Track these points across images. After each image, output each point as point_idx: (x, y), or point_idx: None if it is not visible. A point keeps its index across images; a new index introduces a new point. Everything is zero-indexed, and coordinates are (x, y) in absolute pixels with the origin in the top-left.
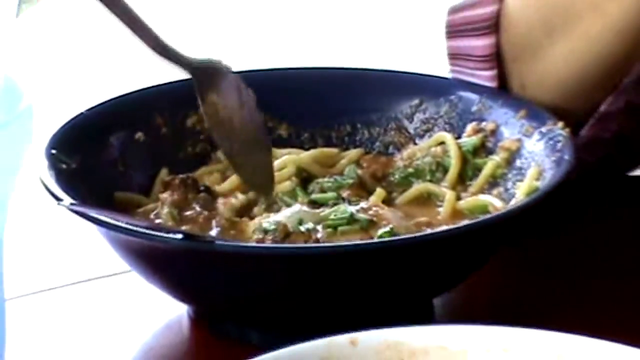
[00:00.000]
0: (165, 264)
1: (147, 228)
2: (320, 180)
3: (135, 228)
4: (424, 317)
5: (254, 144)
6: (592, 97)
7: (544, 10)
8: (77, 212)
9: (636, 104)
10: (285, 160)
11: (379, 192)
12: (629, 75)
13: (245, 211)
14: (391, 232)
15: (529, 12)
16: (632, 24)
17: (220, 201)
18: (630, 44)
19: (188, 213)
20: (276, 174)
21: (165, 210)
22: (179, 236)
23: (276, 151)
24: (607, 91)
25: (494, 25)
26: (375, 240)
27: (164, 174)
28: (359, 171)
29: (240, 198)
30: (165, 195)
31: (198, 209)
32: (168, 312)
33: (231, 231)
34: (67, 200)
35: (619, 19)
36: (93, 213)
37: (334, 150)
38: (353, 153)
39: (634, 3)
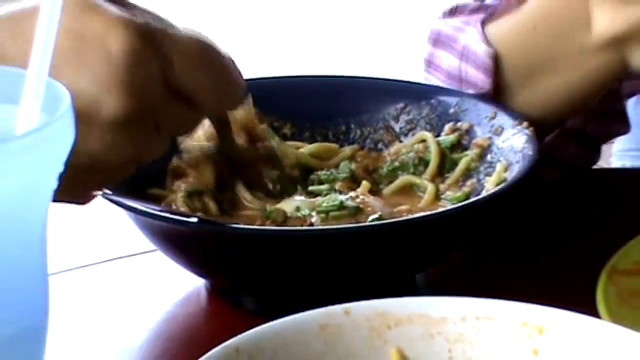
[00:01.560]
0: (184, 243)
1: (169, 213)
2: (318, 172)
3: (159, 213)
4: (408, 290)
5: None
6: (564, 117)
7: (528, 60)
8: (112, 201)
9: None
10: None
11: (365, 184)
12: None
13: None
14: (380, 218)
15: (515, 60)
16: (608, 74)
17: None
18: (603, 86)
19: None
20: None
21: (180, 195)
22: (195, 220)
23: (282, 144)
24: (576, 114)
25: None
26: (361, 224)
27: (175, 162)
28: (352, 166)
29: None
30: (178, 183)
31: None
32: (188, 285)
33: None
34: (102, 190)
35: (597, 73)
36: (125, 201)
37: (333, 145)
38: (348, 149)
39: (613, 59)
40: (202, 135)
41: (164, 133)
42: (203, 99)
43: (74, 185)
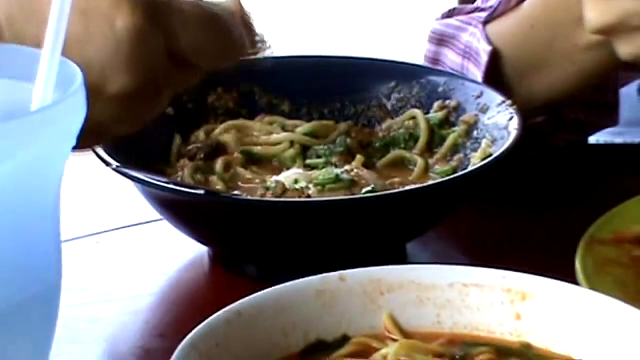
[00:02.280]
0: (190, 213)
1: (177, 185)
2: (316, 147)
3: (169, 186)
4: (399, 259)
5: None
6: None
7: (526, 57)
8: (121, 173)
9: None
10: (286, 136)
11: (359, 158)
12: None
13: None
14: (373, 191)
15: (514, 57)
16: (600, 69)
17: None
18: (596, 80)
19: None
20: (280, 145)
21: (187, 170)
22: (202, 192)
23: (285, 121)
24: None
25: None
26: (356, 195)
27: (177, 140)
28: (347, 141)
29: None
30: (184, 162)
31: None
32: (192, 252)
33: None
34: (113, 163)
35: (591, 67)
36: (135, 174)
37: (329, 122)
38: (343, 125)
39: (605, 55)
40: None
41: (165, 95)
42: (206, 63)
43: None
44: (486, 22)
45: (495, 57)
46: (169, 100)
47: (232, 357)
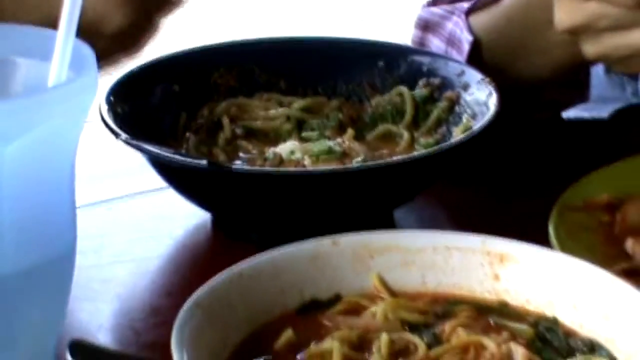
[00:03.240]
0: (194, 183)
1: (182, 156)
2: (311, 122)
3: (173, 156)
4: (387, 225)
5: None
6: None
7: (504, 48)
8: (130, 144)
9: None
10: (283, 112)
11: (350, 131)
12: None
13: None
14: (363, 161)
15: (494, 47)
16: (572, 62)
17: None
18: (567, 70)
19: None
20: (277, 120)
21: (191, 145)
22: (205, 162)
23: (281, 98)
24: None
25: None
26: (347, 166)
27: (183, 116)
28: (340, 115)
29: None
30: (189, 135)
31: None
32: (196, 218)
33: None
34: (123, 135)
35: (563, 60)
36: (143, 145)
37: (323, 98)
38: (336, 101)
39: (576, 50)
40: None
41: (158, 23)
42: None
43: None
44: (468, 13)
45: (476, 47)
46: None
47: (233, 314)
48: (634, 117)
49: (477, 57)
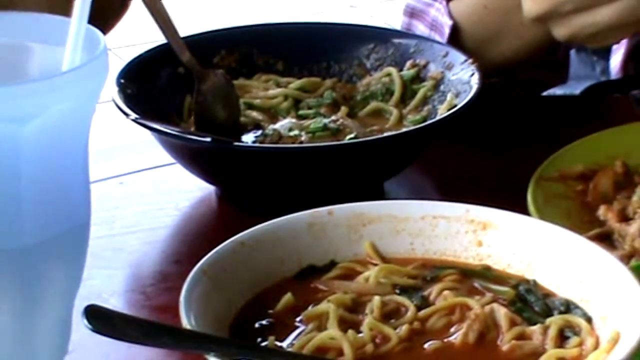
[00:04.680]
0: (198, 158)
1: (188, 134)
2: (307, 100)
3: (180, 134)
4: (378, 196)
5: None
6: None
7: (481, 32)
8: (139, 123)
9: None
10: (280, 91)
11: (343, 109)
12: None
13: None
14: (355, 137)
15: (471, 32)
16: (545, 43)
17: None
18: (540, 52)
19: None
20: (275, 99)
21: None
22: (208, 139)
23: (279, 78)
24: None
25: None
26: (341, 141)
27: (188, 99)
28: (333, 94)
29: None
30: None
31: None
32: (201, 191)
33: None
34: (132, 115)
35: (537, 41)
36: (151, 124)
37: (317, 79)
38: (329, 81)
39: (547, 31)
40: None
41: None
42: None
43: None
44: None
45: (455, 31)
46: None
47: (237, 280)
48: (602, 93)
49: (456, 40)
